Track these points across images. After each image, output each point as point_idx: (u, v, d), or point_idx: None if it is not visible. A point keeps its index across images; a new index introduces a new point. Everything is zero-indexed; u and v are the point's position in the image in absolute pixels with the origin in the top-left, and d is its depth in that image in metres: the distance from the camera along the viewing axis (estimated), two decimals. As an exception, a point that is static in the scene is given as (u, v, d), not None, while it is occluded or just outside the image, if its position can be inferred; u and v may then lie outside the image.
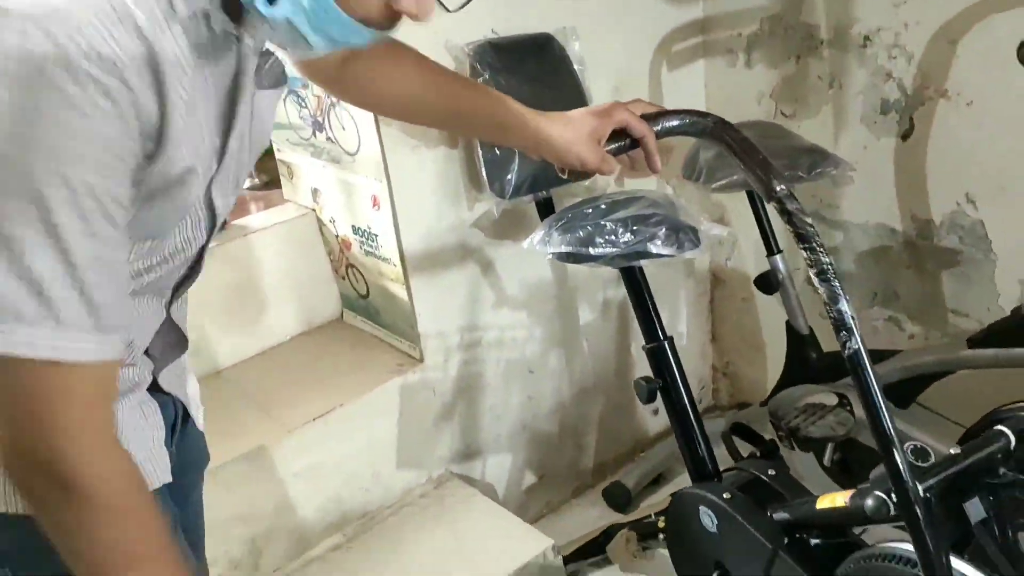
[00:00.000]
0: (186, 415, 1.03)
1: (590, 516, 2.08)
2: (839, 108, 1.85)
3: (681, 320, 2.26)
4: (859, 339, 1.07)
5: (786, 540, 1.39)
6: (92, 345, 0.66)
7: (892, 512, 1.06)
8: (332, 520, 1.75)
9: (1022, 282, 1.67)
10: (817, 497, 1.36)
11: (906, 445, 1.38)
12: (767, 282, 1.79)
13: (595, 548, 1.93)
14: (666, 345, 1.56)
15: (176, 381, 0.99)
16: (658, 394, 1.57)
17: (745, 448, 1.74)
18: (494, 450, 1.97)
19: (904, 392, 1.64)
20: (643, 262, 1.48)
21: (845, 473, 1.69)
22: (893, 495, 1.07)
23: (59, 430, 0.65)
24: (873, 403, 1.06)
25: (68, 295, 0.64)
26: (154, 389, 0.94)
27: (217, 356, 1.82)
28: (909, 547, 1.20)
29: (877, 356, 1.62)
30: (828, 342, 1.80)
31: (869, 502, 1.08)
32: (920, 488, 1.07)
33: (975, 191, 1.68)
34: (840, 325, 1.08)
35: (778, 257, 1.77)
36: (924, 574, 1.07)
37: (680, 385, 1.56)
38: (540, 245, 1.48)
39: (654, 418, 2.27)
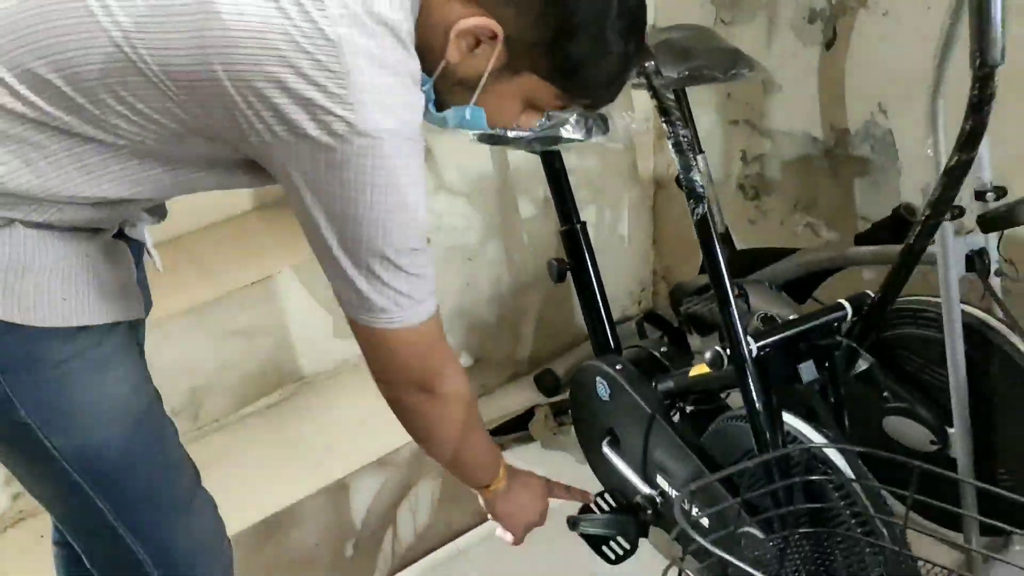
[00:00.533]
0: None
1: (521, 400, 2.22)
2: (772, 16, 1.92)
3: (623, 224, 2.37)
4: (706, 206, 1.18)
5: (666, 407, 1.52)
6: (433, 306, 0.97)
7: (726, 364, 1.18)
8: (270, 380, 1.89)
9: (923, 190, 1.76)
10: (692, 367, 1.49)
11: (757, 314, 1.50)
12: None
13: (518, 424, 2.07)
14: (578, 228, 1.67)
15: (138, 231, 1.12)
16: (568, 274, 1.69)
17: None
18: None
19: (801, 287, 1.74)
20: (556, 147, 1.59)
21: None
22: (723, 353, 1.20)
23: (430, 364, 1.01)
24: (715, 262, 1.17)
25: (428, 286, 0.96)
26: (118, 236, 1.06)
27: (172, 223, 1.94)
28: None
29: (779, 254, 1.75)
30: (741, 241, 1.91)
31: (708, 355, 1.20)
32: (754, 345, 1.19)
33: (887, 101, 1.77)
34: (691, 194, 1.20)
35: (700, 157, 1.87)
36: (749, 421, 1.20)
37: (589, 267, 1.68)
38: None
39: (593, 315, 2.39)
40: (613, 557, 1.55)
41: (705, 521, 1.37)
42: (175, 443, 1.11)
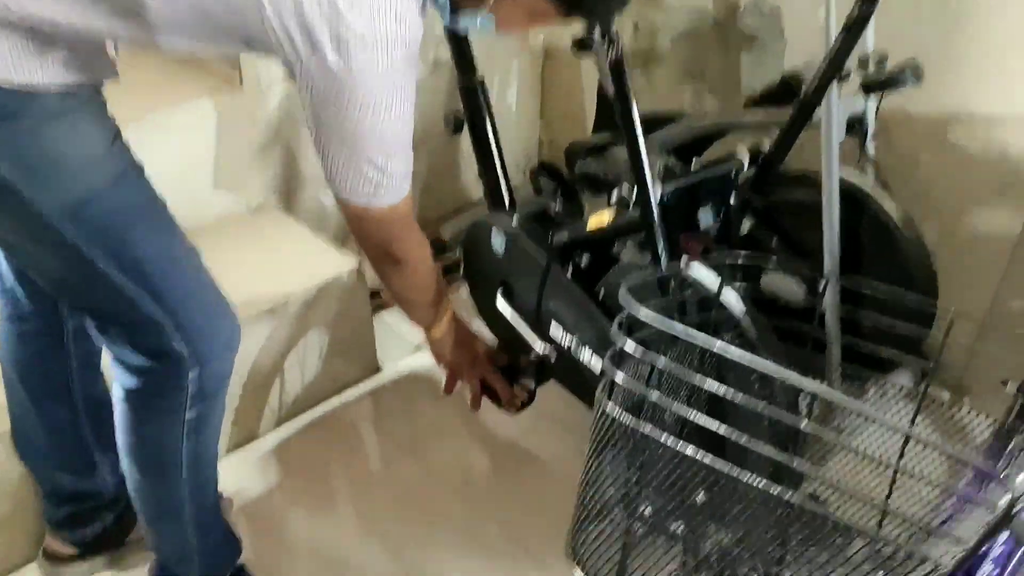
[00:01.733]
0: None
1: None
2: None
3: (512, 93, 2.36)
4: (620, 50, 1.19)
5: (559, 257, 1.56)
6: (407, 188, 1.14)
7: (631, 205, 1.22)
8: (148, 231, 1.81)
9: (806, 63, 1.83)
10: (588, 219, 1.52)
11: (657, 163, 1.55)
12: (583, 44, 1.89)
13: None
14: (477, 84, 1.66)
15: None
16: (463, 128, 1.68)
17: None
18: (316, 187, 2.06)
19: (688, 152, 1.80)
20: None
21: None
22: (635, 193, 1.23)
23: (397, 236, 1.20)
24: (627, 105, 1.20)
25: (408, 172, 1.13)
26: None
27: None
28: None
29: (667, 119, 1.80)
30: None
31: (614, 196, 1.24)
32: (660, 188, 1.23)
33: (777, -26, 1.82)
34: (606, 38, 1.20)
35: (596, 21, 1.87)
36: (651, 260, 1.25)
37: (486, 122, 1.67)
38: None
39: (479, 182, 2.40)
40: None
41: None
42: (166, 209, 1.15)
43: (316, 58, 0.96)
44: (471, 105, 1.67)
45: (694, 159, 1.81)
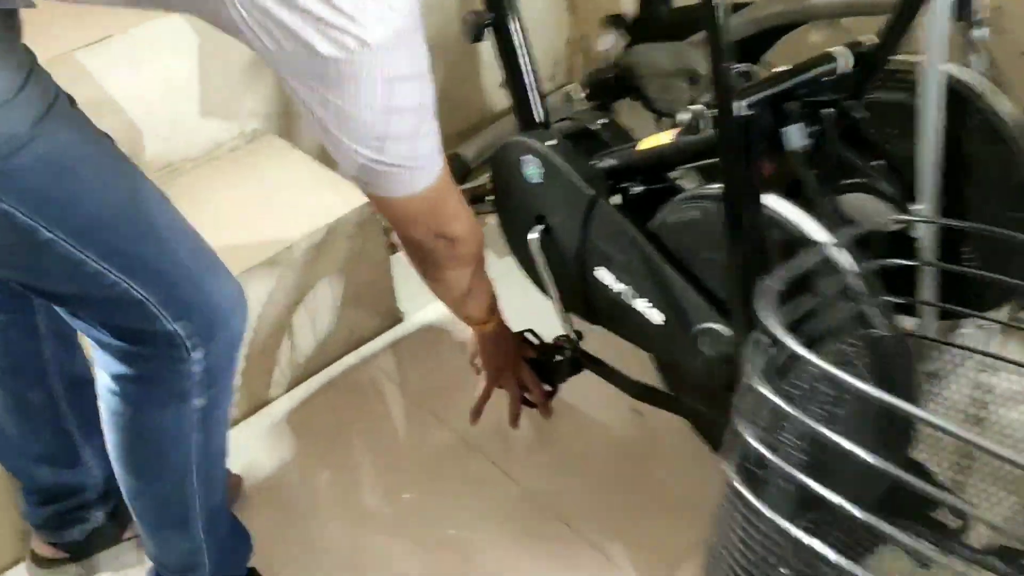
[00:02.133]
0: None
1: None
2: None
3: (536, -16, 2.06)
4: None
5: (607, 187, 1.31)
6: (442, 159, 0.98)
7: (705, 126, 0.96)
8: (126, 167, 1.57)
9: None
10: (640, 140, 1.27)
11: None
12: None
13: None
14: (500, -22, 1.38)
15: None
16: (487, 32, 1.41)
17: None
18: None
19: (750, 48, 1.52)
20: None
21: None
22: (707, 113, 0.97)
23: (450, 213, 1.06)
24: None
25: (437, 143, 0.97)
26: None
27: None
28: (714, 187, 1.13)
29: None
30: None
31: (683, 116, 0.98)
32: (743, 103, 0.97)
33: None
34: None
35: None
36: (727, 199, 1.00)
37: (513, 23, 1.40)
38: None
39: (502, 92, 2.12)
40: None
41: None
42: (113, 150, 0.93)
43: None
44: (494, 4, 1.39)
45: (760, 59, 1.54)
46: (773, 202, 1.04)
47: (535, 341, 1.43)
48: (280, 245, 1.46)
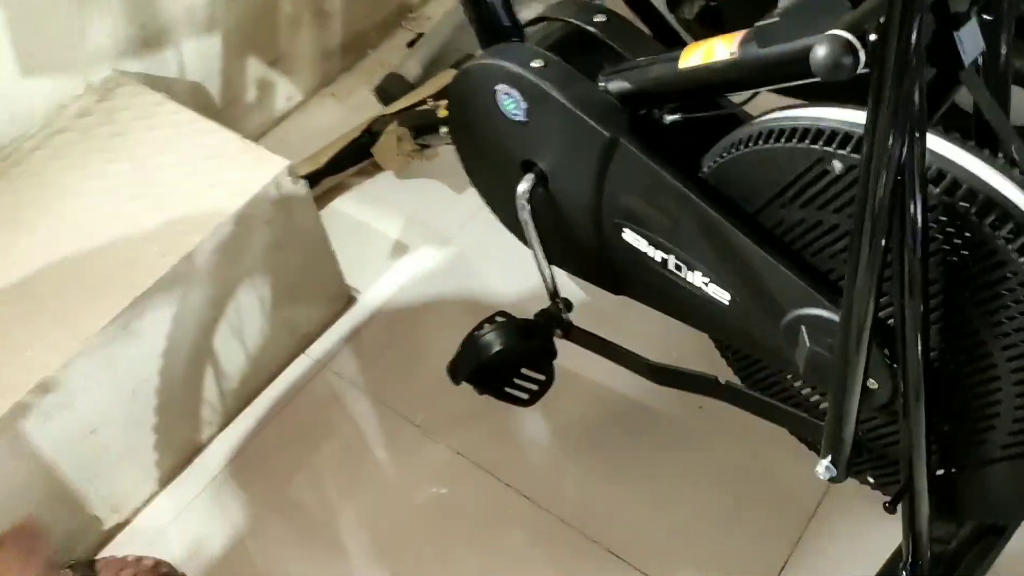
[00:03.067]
0: None
1: (345, 112, 1.54)
2: None
3: None
4: None
5: (628, 121, 0.92)
6: None
7: (859, 62, 0.58)
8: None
9: None
10: (678, 53, 0.87)
11: None
12: None
13: (356, 153, 1.42)
14: None
15: None
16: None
17: None
18: (185, 32, 1.33)
19: None
20: None
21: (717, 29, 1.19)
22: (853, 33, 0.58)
23: None
24: None
25: None
26: None
27: None
28: (836, 116, 0.76)
29: None
30: None
31: (822, 50, 0.58)
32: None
33: None
34: None
35: None
36: (866, 154, 0.63)
37: None
38: None
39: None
40: (526, 396, 1.08)
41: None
42: None
43: None
44: None
45: None
46: (938, 144, 0.68)
47: (504, 321, 1.05)
48: (175, 255, 1.04)
